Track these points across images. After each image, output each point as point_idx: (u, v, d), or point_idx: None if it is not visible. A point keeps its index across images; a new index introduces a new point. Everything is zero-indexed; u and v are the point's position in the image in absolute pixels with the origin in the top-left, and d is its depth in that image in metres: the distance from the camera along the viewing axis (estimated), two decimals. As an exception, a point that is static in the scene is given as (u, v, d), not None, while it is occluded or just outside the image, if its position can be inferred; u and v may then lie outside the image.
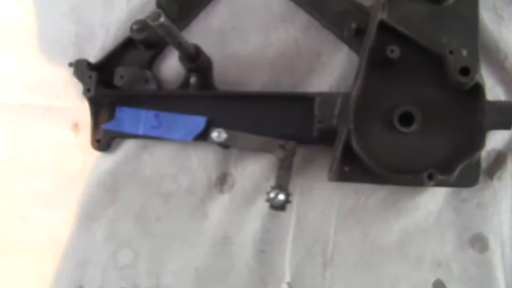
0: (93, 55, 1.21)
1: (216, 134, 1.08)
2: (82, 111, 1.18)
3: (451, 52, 0.99)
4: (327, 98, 1.04)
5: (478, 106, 1.00)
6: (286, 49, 1.16)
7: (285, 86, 1.15)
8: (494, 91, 1.09)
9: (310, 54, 1.16)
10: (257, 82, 1.16)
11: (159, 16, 0.95)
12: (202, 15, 1.20)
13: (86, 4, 1.25)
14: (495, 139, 1.08)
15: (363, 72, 1.03)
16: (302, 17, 1.17)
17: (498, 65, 1.10)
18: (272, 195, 1.03)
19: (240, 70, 1.17)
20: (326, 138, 1.05)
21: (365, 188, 1.10)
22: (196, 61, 1.11)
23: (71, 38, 1.24)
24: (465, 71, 0.98)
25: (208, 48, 1.14)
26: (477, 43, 1.08)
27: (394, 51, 1.03)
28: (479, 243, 1.07)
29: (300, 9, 1.17)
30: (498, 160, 1.08)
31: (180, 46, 1.05)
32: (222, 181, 1.15)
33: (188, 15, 1.20)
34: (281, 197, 1.02)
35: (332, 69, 1.14)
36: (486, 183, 1.08)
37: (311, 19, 1.16)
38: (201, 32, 1.19)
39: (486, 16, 1.11)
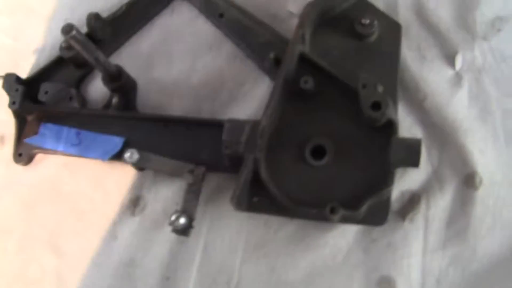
0: (27, 70, 1.24)
1: (129, 155, 1.08)
2: (10, 125, 1.20)
3: (364, 86, 0.99)
4: (236, 124, 1.03)
5: (389, 143, 0.98)
6: (210, 77, 1.18)
7: (206, 113, 1.15)
8: (412, 131, 1.06)
9: (233, 84, 1.17)
10: (179, 108, 1.16)
11: (71, 29, 0.97)
12: (134, 38, 1.24)
13: (27, 21, 1.31)
14: (411, 180, 1.05)
15: (275, 100, 1.03)
16: (228, 47, 1.19)
17: (417, 105, 1.08)
18: (173, 218, 1.01)
19: (163, 95, 1.18)
20: (238, 166, 1.04)
21: (276, 220, 1.07)
22: (118, 81, 1.13)
23: (8, 52, 1.29)
24: (376, 106, 0.97)
25: (135, 71, 1.17)
26: (396, 81, 1.08)
27: (308, 82, 1.04)
28: (386, 285, 1.02)
29: (228, 39, 1.19)
30: (412, 201, 1.04)
31: (98, 62, 1.06)
32: (134, 203, 1.14)
33: (120, 38, 1.24)
34: (182, 220, 1.01)
35: (252, 99, 1.14)
36: (398, 224, 1.03)
37: (237, 49, 1.18)
38: (130, 55, 1.22)
39: (409, 55, 1.11)
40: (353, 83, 1.02)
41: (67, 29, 0.97)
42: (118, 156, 1.12)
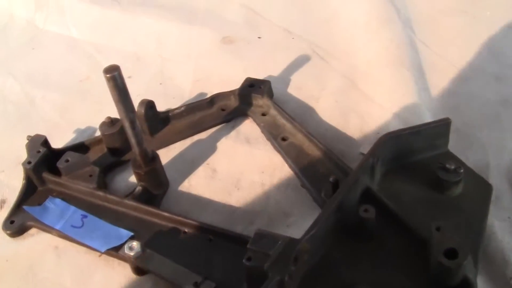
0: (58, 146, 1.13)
1: (129, 246, 0.90)
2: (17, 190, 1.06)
3: (438, 229, 0.77)
4: (267, 235, 0.82)
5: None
6: (253, 199, 1.03)
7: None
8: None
9: (277, 212, 1.01)
10: (207, 222, 0.97)
11: (115, 69, 0.86)
12: (183, 141, 1.14)
13: (79, 103, 1.29)
14: None
15: (321, 224, 0.83)
16: (282, 173, 1.06)
17: (502, 281, 0.86)
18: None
19: (195, 205, 1.04)
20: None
21: None
22: (149, 166, 0.99)
23: (47, 126, 1.22)
24: (452, 253, 0.74)
25: (171, 174, 1.07)
26: (478, 248, 0.86)
27: (368, 211, 0.84)
28: None
29: (284, 164, 1.07)
30: None
31: (133, 125, 0.92)
32: (114, 314, 0.90)
33: (167, 138, 1.15)
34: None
35: (295, 234, 0.92)
36: None
37: (291, 177, 1.05)
38: (171, 157, 1.12)
39: (497, 224, 0.93)
40: (422, 232, 0.82)
41: (112, 67, 0.86)
42: (117, 249, 0.92)
